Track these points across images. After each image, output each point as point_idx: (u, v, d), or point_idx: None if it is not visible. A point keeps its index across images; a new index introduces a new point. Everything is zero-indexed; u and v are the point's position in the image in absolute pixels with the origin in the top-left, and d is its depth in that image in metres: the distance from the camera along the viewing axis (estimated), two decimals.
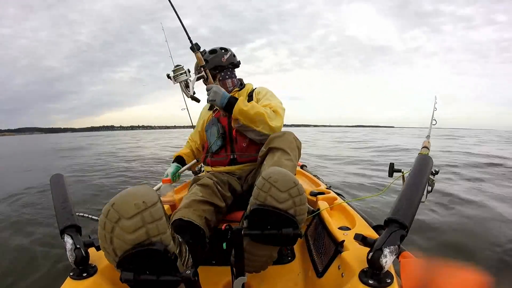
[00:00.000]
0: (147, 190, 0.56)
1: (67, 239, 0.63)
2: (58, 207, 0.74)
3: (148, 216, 0.54)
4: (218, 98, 1.09)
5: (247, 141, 1.20)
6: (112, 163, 5.95)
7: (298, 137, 1.08)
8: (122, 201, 0.53)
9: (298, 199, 0.68)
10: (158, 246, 0.54)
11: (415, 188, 0.61)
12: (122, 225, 0.52)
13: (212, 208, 0.99)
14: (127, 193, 0.55)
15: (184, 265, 0.69)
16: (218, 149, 1.24)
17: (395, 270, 0.55)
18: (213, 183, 1.05)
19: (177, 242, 0.68)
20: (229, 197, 1.09)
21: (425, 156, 0.72)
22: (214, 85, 1.13)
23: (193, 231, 0.85)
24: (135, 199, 0.53)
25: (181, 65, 1.15)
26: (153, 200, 0.55)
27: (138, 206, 0.53)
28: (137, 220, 0.53)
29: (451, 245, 1.73)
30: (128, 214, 0.52)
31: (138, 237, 0.53)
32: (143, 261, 0.53)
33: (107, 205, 0.54)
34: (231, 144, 1.24)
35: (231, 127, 1.23)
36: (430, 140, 1.07)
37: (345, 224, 0.88)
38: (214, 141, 1.25)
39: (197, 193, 1.00)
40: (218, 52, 1.32)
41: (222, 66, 1.31)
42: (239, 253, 0.69)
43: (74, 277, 0.61)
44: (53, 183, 0.85)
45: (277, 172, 0.69)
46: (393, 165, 0.93)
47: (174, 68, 1.15)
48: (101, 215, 0.54)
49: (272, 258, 0.77)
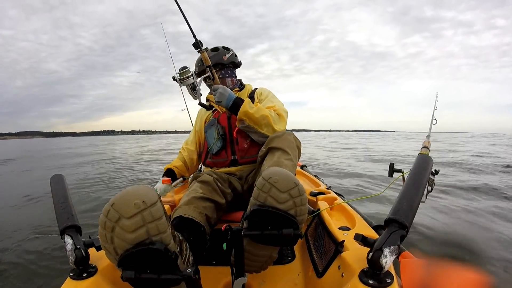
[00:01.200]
0: (147, 190, 0.56)
1: (67, 239, 0.63)
2: (58, 208, 0.74)
3: (148, 216, 0.54)
4: (223, 99, 1.09)
5: (248, 142, 1.20)
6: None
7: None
8: (122, 200, 0.53)
9: (299, 200, 0.67)
10: (159, 245, 0.54)
11: (415, 188, 0.61)
12: (122, 225, 0.52)
13: (213, 204, 0.99)
14: (126, 193, 0.55)
15: (185, 263, 0.69)
16: (219, 151, 1.24)
17: (395, 270, 0.55)
18: (213, 179, 1.05)
19: (178, 240, 0.68)
20: (229, 193, 1.09)
21: (425, 156, 0.72)
22: (221, 86, 1.12)
23: (194, 229, 0.85)
24: (135, 198, 0.53)
25: (187, 67, 1.12)
26: (152, 199, 0.55)
27: (138, 206, 0.53)
28: (137, 220, 0.53)
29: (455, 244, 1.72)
30: (128, 213, 0.52)
31: (138, 236, 0.53)
32: (144, 260, 0.54)
33: (107, 205, 0.54)
34: (232, 145, 1.23)
35: (231, 128, 1.23)
36: (430, 140, 1.07)
37: (345, 224, 0.88)
38: (214, 142, 1.24)
39: (197, 189, 1.00)
40: (220, 50, 1.32)
41: (223, 64, 1.31)
42: (239, 253, 0.69)
43: (74, 277, 0.61)
44: (53, 184, 0.85)
45: (278, 173, 0.68)
46: (393, 165, 0.93)
47: (180, 71, 1.11)
48: (101, 215, 0.54)
49: (272, 258, 0.76)
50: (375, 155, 8.50)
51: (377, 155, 8.48)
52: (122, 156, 9.34)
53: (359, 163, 6.34)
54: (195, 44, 1.15)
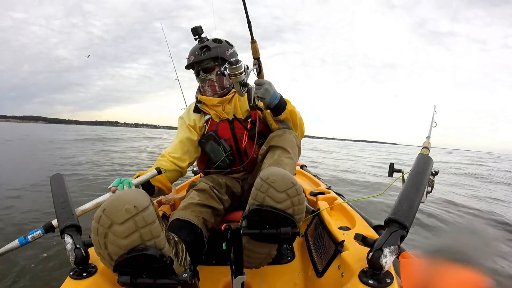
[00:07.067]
0: (137, 194, 0.56)
1: (67, 239, 0.63)
2: (58, 207, 0.74)
3: (141, 221, 0.53)
4: (268, 96, 1.02)
5: (256, 150, 1.17)
6: None
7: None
8: (113, 206, 0.53)
9: (296, 199, 0.68)
10: (153, 251, 0.54)
11: (415, 188, 0.61)
12: (114, 231, 0.52)
13: (210, 210, 0.99)
14: (117, 198, 0.54)
15: (181, 265, 0.69)
16: (228, 166, 1.20)
17: (395, 270, 0.55)
18: (209, 187, 1.04)
19: (173, 242, 0.68)
20: (227, 200, 1.09)
21: (425, 156, 0.72)
22: (267, 80, 1.05)
23: (190, 230, 0.86)
24: (125, 204, 0.53)
25: (240, 61, 0.95)
26: (144, 204, 0.54)
27: (129, 211, 0.52)
28: (129, 225, 0.52)
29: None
30: (120, 219, 0.52)
31: (132, 242, 0.53)
32: (139, 265, 0.54)
33: (98, 210, 0.54)
34: (240, 156, 1.21)
35: (236, 139, 1.19)
36: (430, 141, 1.07)
37: (345, 224, 0.88)
38: (220, 160, 1.18)
39: (194, 197, 1.00)
40: (224, 43, 1.21)
41: (224, 59, 1.20)
42: (238, 252, 0.69)
43: (74, 277, 0.61)
44: (53, 183, 0.85)
45: (275, 173, 0.69)
46: (393, 165, 0.93)
47: (232, 66, 0.93)
48: (93, 221, 0.54)
49: (271, 255, 0.77)
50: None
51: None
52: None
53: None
54: (251, 35, 1.06)
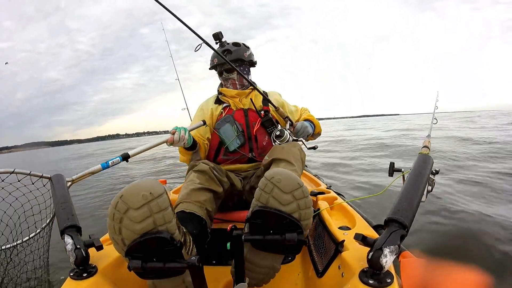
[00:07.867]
0: (153, 183, 0.60)
1: (67, 239, 0.63)
2: (58, 207, 0.74)
3: (155, 206, 0.57)
4: (307, 134, 1.31)
5: (267, 139, 1.24)
6: None
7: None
8: (130, 192, 0.56)
9: (303, 202, 0.64)
10: (165, 234, 0.57)
11: (415, 188, 0.61)
12: (130, 215, 0.55)
13: (211, 194, 0.99)
14: (134, 186, 0.58)
15: (188, 254, 0.70)
16: (238, 148, 1.23)
17: (395, 270, 0.55)
18: (209, 168, 1.05)
19: (182, 232, 0.68)
20: (226, 182, 1.09)
21: (425, 156, 0.72)
22: (300, 126, 1.28)
23: (196, 222, 0.87)
24: (142, 190, 0.56)
25: (284, 131, 1.18)
26: (159, 191, 0.58)
27: (146, 197, 0.56)
28: (144, 210, 0.56)
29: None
30: (136, 204, 0.55)
31: (145, 226, 0.56)
32: (150, 249, 0.56)
33: (115, 197, 0.57)
34: (250, 142, 1.25)
35: (249, 125, 1.24)
36: (430, 140, 1.07)
37: (345, 224, 0.88)
38: (232, 140, 1.22)
39: (194, 180, 1.00)
40: (242, 46, 1.32)
41: (243, 60, 1.31)
42: (239, 259, 0.68)
43: (74, 277, 0.61)
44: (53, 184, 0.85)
45: (281, 173, 0.66)
46: (393, 164, 0.93)
47: (281, 138, 1.17)
48: (110, 207, 0.57)
49: (275, 270, 0.73)
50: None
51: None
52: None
53: None
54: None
